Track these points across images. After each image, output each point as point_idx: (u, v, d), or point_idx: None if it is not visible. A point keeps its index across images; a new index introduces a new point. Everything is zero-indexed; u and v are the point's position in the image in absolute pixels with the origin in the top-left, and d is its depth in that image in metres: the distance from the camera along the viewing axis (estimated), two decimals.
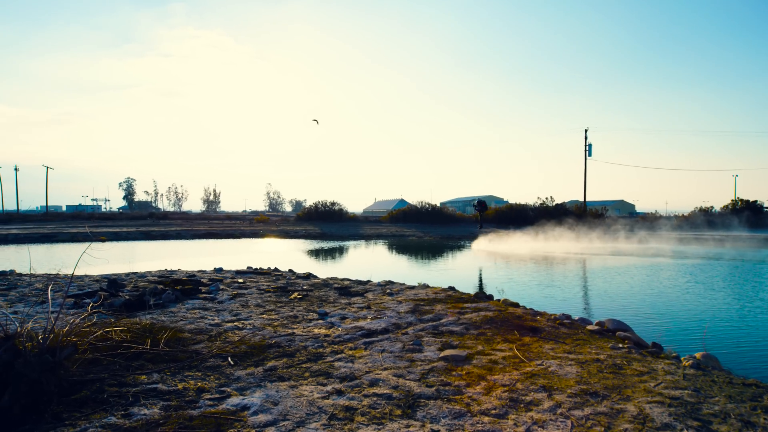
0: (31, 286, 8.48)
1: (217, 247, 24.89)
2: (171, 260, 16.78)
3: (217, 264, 13.50)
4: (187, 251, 22.41)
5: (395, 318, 6.21)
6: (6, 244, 28.01)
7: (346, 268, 14.94)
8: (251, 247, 25.20)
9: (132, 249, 23.68)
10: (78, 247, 25.33)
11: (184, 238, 33.04)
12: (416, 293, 8.11)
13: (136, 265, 14.23)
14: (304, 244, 27.63)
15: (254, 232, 35.99)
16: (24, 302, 7.16)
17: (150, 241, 30.20)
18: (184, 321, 6.05)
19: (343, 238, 32.85)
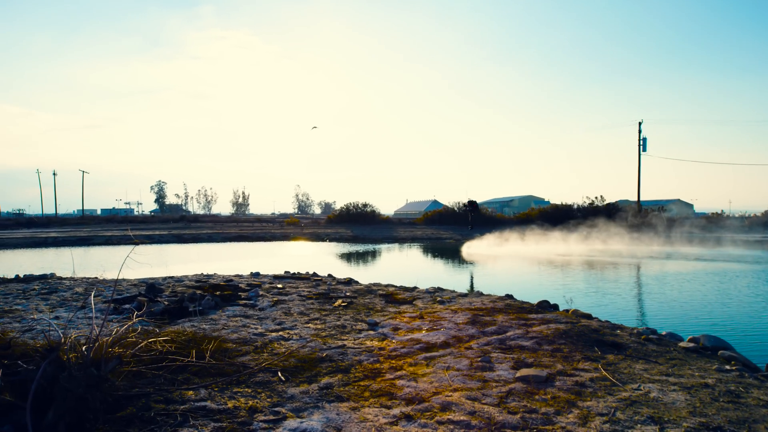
0: (71, 290, 8.62)
1: (248, 250, 25.17)
2: (205, 264, 16.98)
3: (251, 268, 13.50)
4: (219, 254, 22.74)
5: (454, 330, 5.82)
6: (46, 247, 29.36)
7: (385, 272, 14.63)
8: (283, 251, 25.35)
9: (166, 252, 24.28)
10: (113, 250, 26.23)
11: (215, 241, 33.70)
12: (471, 302, 7.69)
13: (171, 268, 14.45)
14: (337, 247, 27.57)
15: (285, 234, 36.33)
16: (65, 307, 7.23)
17: (182, 245, 30.95)
18: (227, 330, 5.88)
19: (377, 241, 32.62)
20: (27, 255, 23.61)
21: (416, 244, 29.17)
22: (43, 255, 23.56)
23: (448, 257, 20.58)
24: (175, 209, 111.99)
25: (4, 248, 28.32)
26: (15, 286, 9.26)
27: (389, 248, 26.33)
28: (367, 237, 34.86)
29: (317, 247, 28.29)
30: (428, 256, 21.50)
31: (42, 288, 8.83)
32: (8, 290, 8.65)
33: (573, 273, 14.37)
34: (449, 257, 20.55)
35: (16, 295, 8.15)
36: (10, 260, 20.42)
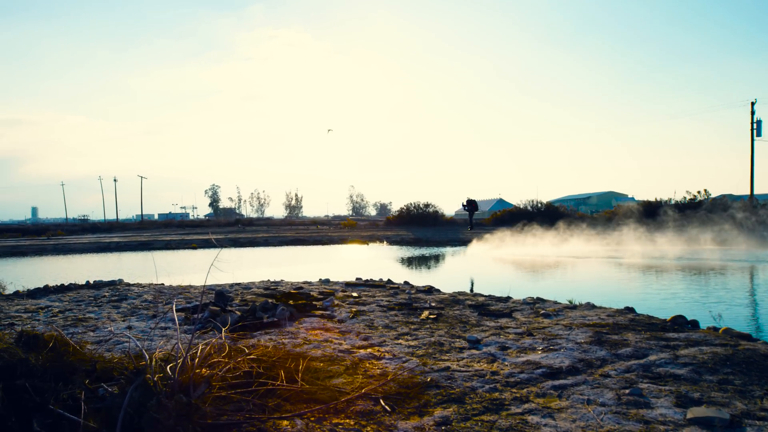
0: (140, 297, 8.77)
1: (307, 254, 25.38)
2: (265, 269, 17.16)
3: (316, 273, 13.35)
4: (278, 259, 23.06)
5: (577, 351, 5.12)
6: (109, 252, 31.36)
7: (462, 279, 13.97)
8: (343, 254, 25.31)
9: (223, 256, 25.01)
10: (172, 255, 27.47)
11: (272, 244, 34.46)
12: (583, 315, 6.90)
13: (232, 274, 14.67)
14: (399, 250, 27.18)
15: (342, 237, 36.51)
16: (136, 315, 7.28)
17: (238, 249, 31.91)
18: (308, 344, 5.56)
19: (442, 243, 31.88)
20: (92, 259, 25.25)
21: None
22: (108, 259, 25.09)
23: (523, 261, 19.51)
24: (229, 213, 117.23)
25: (72, 253, 30.51)
26: (86, 292, 9.60)
27: (456, 251, 25.55)
28: (430, 239, 34.21)
29: (377, 250, 28.05)
30: (505, 260, 20.52)
31: (112, 295, 9.07)
32: (80, 297, 8.95)
33: (688, 279, 12.94)
34: (525, 261, 19.47)
35: (88, 302, 8.38)
36: (79, 265, 21.86)
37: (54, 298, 8.84)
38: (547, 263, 18.50)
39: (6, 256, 28.87)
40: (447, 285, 10.65)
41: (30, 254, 29.71)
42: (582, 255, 21.13)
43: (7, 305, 8.18)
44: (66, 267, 20.93)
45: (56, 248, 32.18)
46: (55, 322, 6.86)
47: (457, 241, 32.95)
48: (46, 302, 8.46)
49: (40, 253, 30.35)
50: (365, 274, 12.72)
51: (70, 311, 7.65)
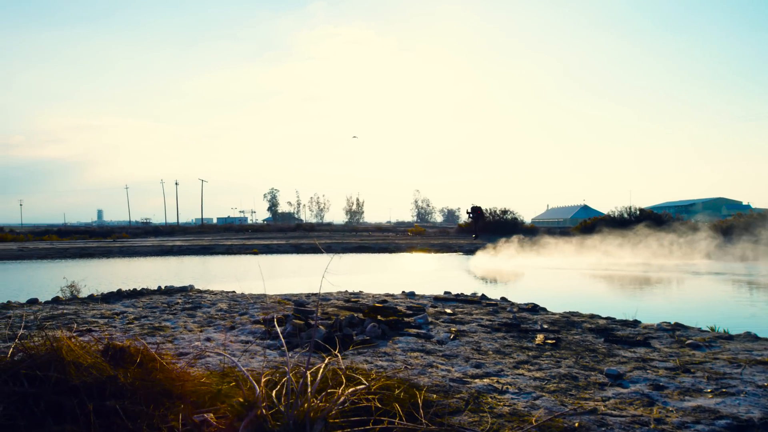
0: (214, 305, 8.78)
1: (376, 263, 25.17)
2: (335, 277, 17.03)
3: (391, 284, 12.95)
4: (346, 267, 23.00)
5: (764, 397, 4.28)
6: (171, 255, 32.95)
7: (564, 295, 13.01)
8: (415, 264, 24.85)
9: (287, 263, 25.38)
10: (234, 260, 28.36)
11: (335, 251, 34.69)
12: (747, 348, 5.93)
13: (302, 282, 14.64)
14: (476, 259, 26.30)
15: (410, 245, 36.08)
16: (213, 326, 7.21)
17: (301, 255, 32.41)
18: (411, 370, 5.10)
19: None
20: (157, 263, 26.55)
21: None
22: (172, 263, 26.28)
23: (625, 274, 18.03)
24: (288, 217, 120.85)
25: (137, 255, 32.34)
26: (159, 297, 9.81)
27: (545, 264, 24.28)
28: None
29: (451, 259, 27.34)
30: (603, 273, 19.12)
31: (185, 302, 9.17)
32: (154, 303, 9.11)
33: None
34: (628, 274, 17.98)
35: (162, 309, 8.48)
36: (145, 268, 23.00)
37: (128, 304, 9.06)
38: (662, 279, 16.97)
39: (76, 257, 31.08)
40: (549, 303, 9.85)
41: (97, 256, 31.79)
42: (716, 271, 19.24)
43: (84, 309, 8.44)
44: (133, 270, 22.08)
45: (122, 251, 34.25)
46: (132, 330, 6.90)
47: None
48: (121, 307, 8.66)
49: (107, 255, 32.40)
50: (448, 287, 12.17)
51: (145, 318, 7.73)
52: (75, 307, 8.73)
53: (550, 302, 9.73)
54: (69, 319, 7.58)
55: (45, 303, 9.37)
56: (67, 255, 31.78)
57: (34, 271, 22.14)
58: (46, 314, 7.98)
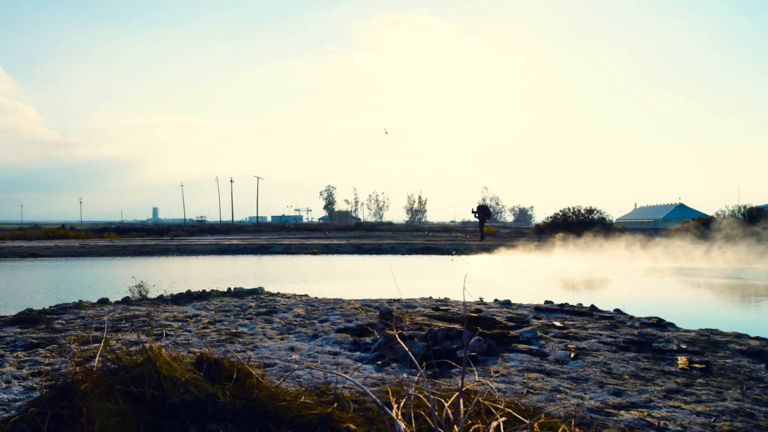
0: (291, 310, 8.63)
1: (447, 266, 24.61)
2: (408, 281, 16.68)
3: (474, 289, 12.36)
4: (417, 269, 22.61)
5: None
6: (229, 254, 33.89)
7: (688, 308, 11.96)
8: (495, 267, 24.08)
9: (351, 264, 25.33)
10: (293, 260, 28.71)
11: (400, 252, 34.44)
12: None
13: (373, 285, 14.39)
14: (565, 263, 25.12)
15: (483, 246, 35.19)
16: (294, 334, 7.01)
17: (363, 255, 32.37)
18: (535, 395, 4.60)
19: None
20: (216, 262, 27.30)
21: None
22: (231, 262, 26.94)
23: (732, 284, 16.45)
24: (344, 216, 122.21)
25: (194, 254, 33.53)
26: (230, 300, 9.82)
27: (648, 267, 22.79)
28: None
29: (531, 261, 26.30)
30: (715, 280, 17.58)
31: (258, 305, 9.10)
32: (226, 306, 9.10)
33: None
34: (735, 284, 16.39)
35: (236, 313, 8.43)
36: (205, 267, 23.67)
37: (199, 306, 9.09)
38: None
39: (135, 255, 32.63)
40: (670, 314, 8.97)
41: (155, 254, 33.22)
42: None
43: (155, 311, 8.53)
44: (193, 269, 22.77)
45: (179, 249, 35.64)
46: (209, 336, 6.82)
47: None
48: (193, 310, 8.69)
49: (165, 253, 33.79)
50: (534, 292, 11.47)
51: (220, 323, 7.67)
52: (146, 308, 8.86)
53: (671, 315, 8.86)
54: (142, 321, 7.64)
55: (116, 303, 9.60)
56: (126, 253, 33.41)
57: (98, 269, 23.33)
58: (119, 315, 8.11)
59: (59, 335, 6.85)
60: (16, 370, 5.32)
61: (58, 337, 6.70)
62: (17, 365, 5.50)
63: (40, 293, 14.34)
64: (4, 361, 5.63)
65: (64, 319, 7.92)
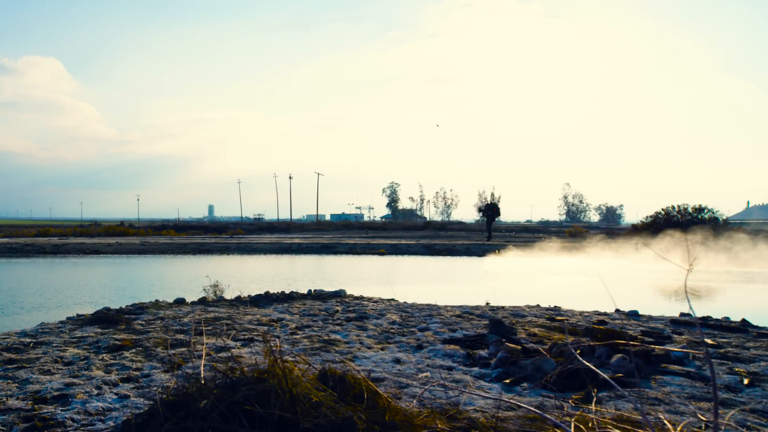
0: (382, 316, 8.32)
1: (534, 269, 23.66)
2: (496, 284, 16.06)
3: (568, 294, 11.60)
4: (504, 273, 21.87)
5: None
6: (291, 253, 34.36)
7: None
8: (587, 271, 22.91)
9: (425, 266, 24.88)
10: (360, 260, 28.60)
11: (476, 254, 33.69)
12: None
13: (462, 289, 13.91)
14: (666, 268, 23.56)
15: (575, 245, 33.81)
16: (395, 344, 6.66)
17: (435, 257, 31.86)
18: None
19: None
20: (279, 261, 27.65)
21: None
22: (295, 262, 27.19)
23: None
24: (409, 215, 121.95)
25: (255, 253, 34.21)
26: (312, 303, 9.64)
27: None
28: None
29: (626, 266, 24.86)
30: None
31: (345, 310, 8.85)
32: (310, 309, 8.92)
33: None
34: None
35: (324, 318, 8.20)
36: (269, 266, 23.97)
37: (281, 309, 8.95)
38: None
39: (195, 253, 33.68)
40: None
41: (215, 252, 34.15)
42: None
43: (236, 313, 8.44)
44: (257, 268, 23.09)
45: (239, 247, 36.50)
46: (300, 343, 6.58)
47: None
48: (276, 313, 8.55)
49: (225, 251, 34.68)
50: (638, 299, 10.56)
51: (309, 328, 7.45)
52: (226, 310, 8.80)
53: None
54: (226, 324, 7.53)
55: (192, 304, 9.63)
56: (186, 250, 34.52)
57: (162, 267, 24.13)
58: (199, 317, 8.06)
59: (142, 337, 6.82)
60: (104, 374, 5.24)
61: (141, 339, 6.66)
62: (104, 369, 5.44)
63: (110, 291, 14.85)
64: (91, 364, 5.59)
65: (144, 319, 7.95)
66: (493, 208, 26.45)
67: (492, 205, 26.34)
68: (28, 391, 4.68)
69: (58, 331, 7.29)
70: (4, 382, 4.99)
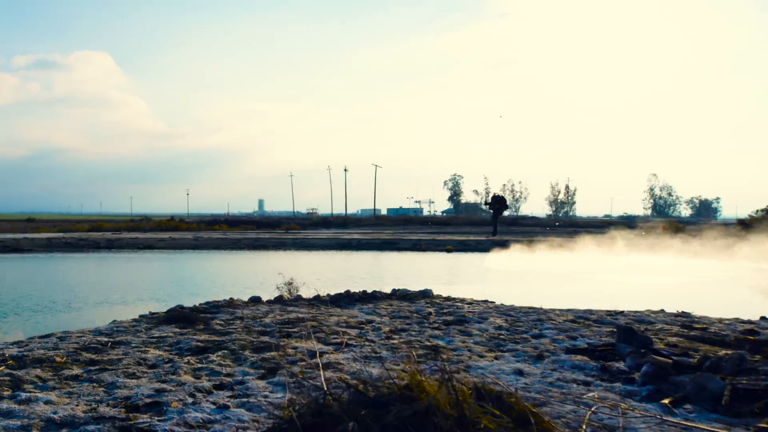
0: (485, 320, 7.90)
1: (623, 267, 22.58)
2: (580, 288, 15.31)
3: (673, 297, 10.74)
4: (600, 270, 20.97)
5: None
6: (350, 249, 34.37)
7: None
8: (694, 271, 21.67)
9: (504, 264, 24.20)
10: (427, 257, 28.14)
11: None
12: None
13: (559, 290, 13.29)
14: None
15: (670, 243, 32.26)
16: (510, 352, 6.24)
17: (507, 252, 31.09)
18: None
19: None
20: (340, 258, 27.62)
21: None
22: (357, 258, 27.11)
23: None
24: (472, 209, 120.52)
25: (312, 249, 34.39)
26: (399, 303, 9.38)
27: None
28: None
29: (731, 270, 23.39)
30: None
31: (439, 312, 8.51)
32: (399, 311, 8.62)
33: None
34: None
35: (418, 321, 7.89)
36: (332, 263, 23.93)
37: (367, 310, 8.68)
38: None
39: (250, 248, 34.18)
40: None
41: (270, 248, 34.55)
42: None
43: (319, 314, 8.22)
44: (318, 264, 23.06)
45: (295, 243, 36.80)
46: (401, 350, 6.22)
47: None
48: (363, 315, 8.29)
49: (280, 247, 35.03)
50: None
51: (405, 332, 7.12)
52: (306, 310, 8.59)
53: None
54: (312, 326, 7.29)
55: (269, 303, 9.51)
56: (240, 246, 35.08)
57: (221, 263, 24.51)
58: (280, 318, 7.87)
59: (225, 339, 6.65)
60: (194, 379, 5.05)
61: (224, 341, 6.49)
62: (192, 373, 5.26)
63: (172, 287, 15.05)
64: (177, 367, 5.42)
65: (221, 319, 7.83)
66: (501, 201, 25.71)
67: (499, 198, 25.64)
68: (118, 397, 4.52)
69: (134, 330, 7.23)
70: (90, 385, 4.87)
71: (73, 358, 5.76)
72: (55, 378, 5.07)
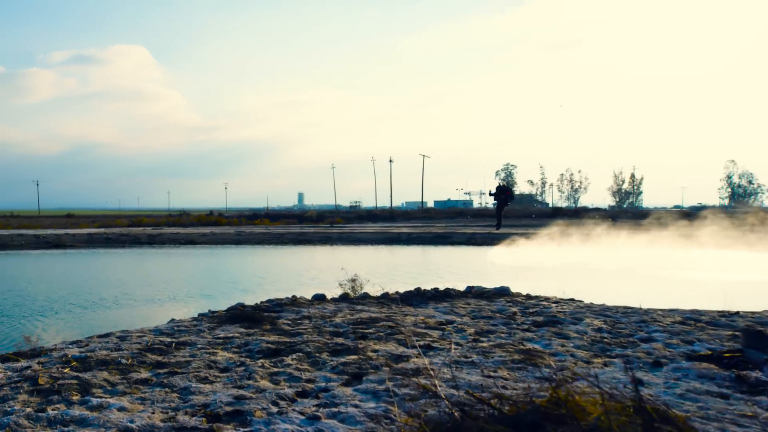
0: (580, 321, 7.48)
1: (706, 265, 21.62)
2: (669, 285, 14.64)
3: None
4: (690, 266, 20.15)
5: None
6: (400, 244, 34.10)
7: None
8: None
9: (578, 259, 23.52)
10: (485, 251, 27.63)
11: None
12: None
13: (651, 286, 12.68)
14: None
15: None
16: (616, 357, 5.79)
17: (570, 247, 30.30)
18: None
19: None
20: (392, 253, 27.41)
21: None
22: (410, 253, 26.84)
23: None
24: (527, 200, 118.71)
25: (359, 243, 34.28)
26: (476, 302, 9.03)
27: None
28: None
29: None
30: None
31: (525, 312, 8.13)
32: (479, 310, 8.27)
33: None
34: None
35: (504, 321, 7.55)
36: (385, 258, 23.68)
37: (443, 309, 8.36)
38: None
39: (294, 243, 34.32)
40: None
41: (315, 242, 34.59)
42: None
43: (393, 314, 7.94)
44: (370, 260, 22.84)
45: (341, 237, 36.77)
46: (494, 354, 5.87)
47: None
48: (439, 314, 7.97)
49: (326, 241, 35.03)
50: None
51: (492, 334, 6.77)
52: (377, 309, 8.33)
53: None
54: (388, 327, 7.01)
55: (334, 301, 9.30)
56: (284, 241, 35.27)
57: (268, 258, 24.61)
58: (351, 318, 7.62)
59: (296, 340, 6.43)
60: (272, 385, 4.82)
61: (296, 343, 6.26)
62: (270, 379, 5.03)
63: (221, 283, 15.07)
64: (252, 372, 5.20)
65: (288, 318, 7.63)
66: (506, 191, 24.55)
67: (504, 188, 24.46)
68: (195, 405, 4.32)
69: (196, 330, 7.09)
70: (162, 390, 4.69)
71: (139, 360, 5.62)
72: (124, 382, 4.92)
